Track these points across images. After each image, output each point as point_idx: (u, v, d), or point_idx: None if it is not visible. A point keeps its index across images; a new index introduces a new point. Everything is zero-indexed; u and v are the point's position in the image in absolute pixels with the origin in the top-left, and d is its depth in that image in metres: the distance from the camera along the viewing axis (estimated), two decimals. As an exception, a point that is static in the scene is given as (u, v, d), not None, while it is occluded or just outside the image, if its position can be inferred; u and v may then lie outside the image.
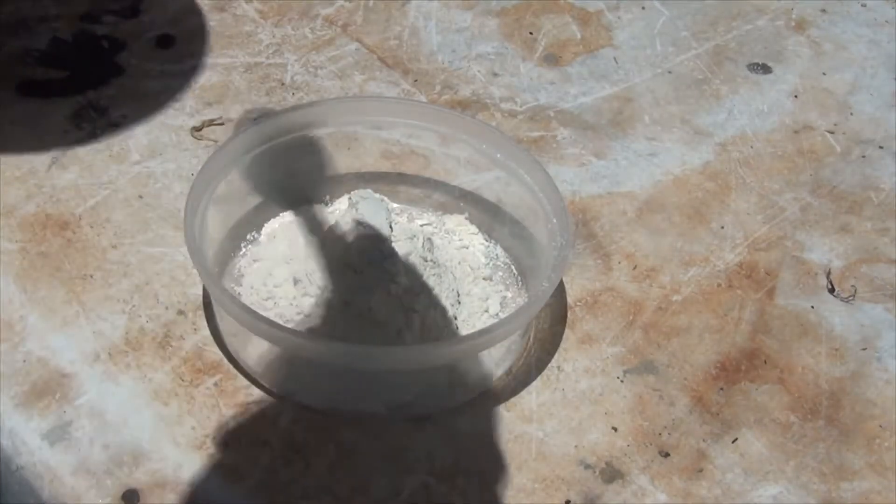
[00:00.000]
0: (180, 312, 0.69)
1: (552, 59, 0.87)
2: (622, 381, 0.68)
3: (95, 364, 0.66)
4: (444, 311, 0.67)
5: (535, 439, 0.65)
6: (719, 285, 0.73)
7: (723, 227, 0.76)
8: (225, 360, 0.67)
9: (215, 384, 0.66)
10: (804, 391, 0.68)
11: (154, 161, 0.77)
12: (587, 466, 0.64)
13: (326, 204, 0.74)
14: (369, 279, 0.66)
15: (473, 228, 0.73)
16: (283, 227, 0.72)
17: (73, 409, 0.64)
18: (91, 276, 0.70)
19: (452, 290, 0.68)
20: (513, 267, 0.72)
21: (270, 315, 0.66)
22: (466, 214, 0.74)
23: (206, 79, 0.82)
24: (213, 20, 0.87)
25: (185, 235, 0.65)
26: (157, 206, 0.74)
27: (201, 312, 0.69)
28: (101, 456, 0.62)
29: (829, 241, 0.76)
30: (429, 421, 0.65)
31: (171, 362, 0.66)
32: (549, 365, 0.68)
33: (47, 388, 0.65)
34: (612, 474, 0.64)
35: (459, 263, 0.70)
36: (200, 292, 0.69)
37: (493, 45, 0.88)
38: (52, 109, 0.79)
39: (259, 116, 0.79)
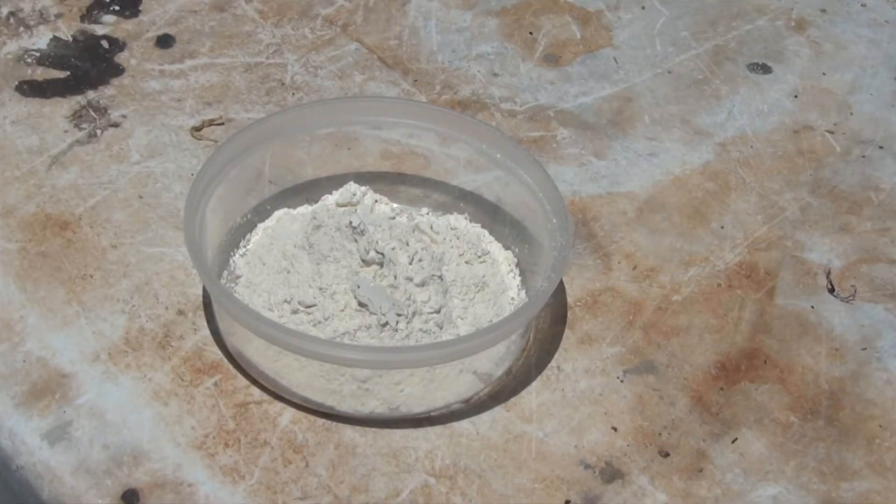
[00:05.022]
0: (180, 312, 0.69)
1: (552, 59, 0.87)
2: (622, 381, 0.68)
3: (95, 364, 0.66)
4: (444, 311, 0.67)
5: (535, 439, 0.65)
6: (719, 285, 0.73)
7: (723, 227, 0.76)
8: (225, 360, 0.67)
9: (215, 384, 0.66)
10: (804, 391, 0.68)
11: (154, 161, 0.77)
12: (587, 466, 0.64)
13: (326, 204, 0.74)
14: (369, 279, 0.66)
15: (474, 227, 0.73)
16: (283, 227, 0.72)
17: (73, 409, 0.64)
18: (91, 276, 0.70)
19: (453, 289, 0.68)
20: (513, 267, 0.72)
21: (270, 315, 0.66)
22: (466, 214, 0.74)
23: (206, 79, 0.82)
24: (213, 20, 0.87)
25: (185, 235, 0.65)
26: (157, 206, 0.74)
27: (201, 312, 0.69)
28: (101, 456, 0.62)
29: (829, 241, 0.76)
30: (429, 421, 0.65)
31: (171, 362, 0.66)
32: (549, 365, 0.68)
33: (47, 388, 0.65)
34: (612, 474, 0.64)
35: (459, 265, 0.70)
36: (200, 292, 0.69)
37: (493, 45, 0.88)
38: (52, 109, 0.79)
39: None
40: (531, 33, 0.89)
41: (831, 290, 0.73)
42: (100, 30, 0.85)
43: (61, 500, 0.61)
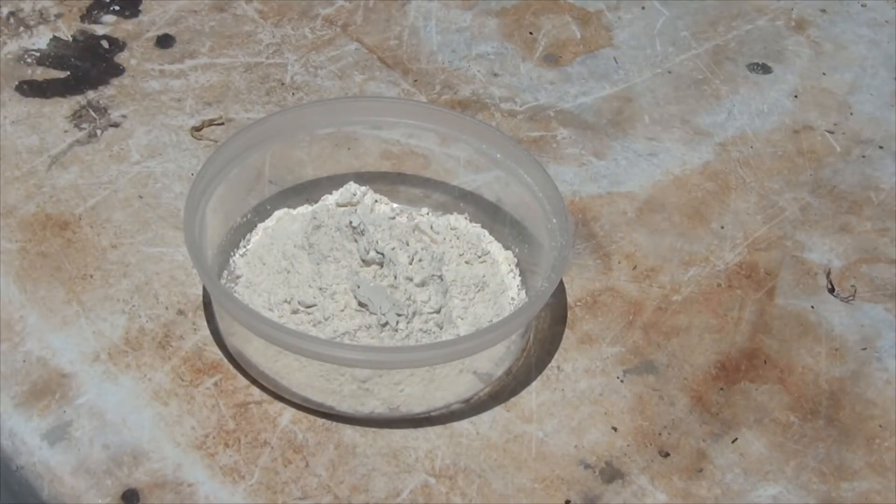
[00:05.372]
0: (180, 312, 0.69)
1: (552, 59, 0.87)
2: (622, 381, 0.68)
3: (95, 364, 0.66)
4: (444, 311, 0.67)
5: (535, 439, 0.65)
6: (719, 285, 0.73)
7: (723, 227, 0.76)
8: (225, 360, 0.67)
9: (215, 384, 0.66)
10: (804, 391, 0.68)
11: (154, 161, 0.77)
12: (587, 466, 0.64)
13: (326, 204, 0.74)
14: (369, 279, 0.66)
15: (474, 227, 0.73)
16: (283, 226, 0.72)
17: (73, 409, 0.64)
18: (91, 276, 0.70)
19: (453, 289, 0.68)
20: (513, 267, 0.72)
21: (270, 315, 0.66)
22: (466, 214, 0.74)
23: (206, 79, 0.82)
24: (213, 20, 0.87)
25: (185, 235, 0.65)
26: (157, 206, 0.74)
27: (201, 312, 0.69)
28: (101, 456, 0.62)
29: (829, 241, 0.76)
30: (429, 421, 0.65)
31: (171, 362, 0.66)
32: (549, 365, 0.68)
33: (47, 388, 0.65)
34: (611, 474, 0.64)
35: (459, 265, 0.70)
36: (200, 292, 0.69)
37: (493, 45, 0.88)
38: (52, 109, 0.79)
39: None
40: (531, 33, 0.89)
41: (831, 290, 0.73)
42: (100, 30, 0.85)
43: (61, 500, 0.61)
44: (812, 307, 0.72)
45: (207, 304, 0.69)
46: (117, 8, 0.87)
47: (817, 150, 0.82)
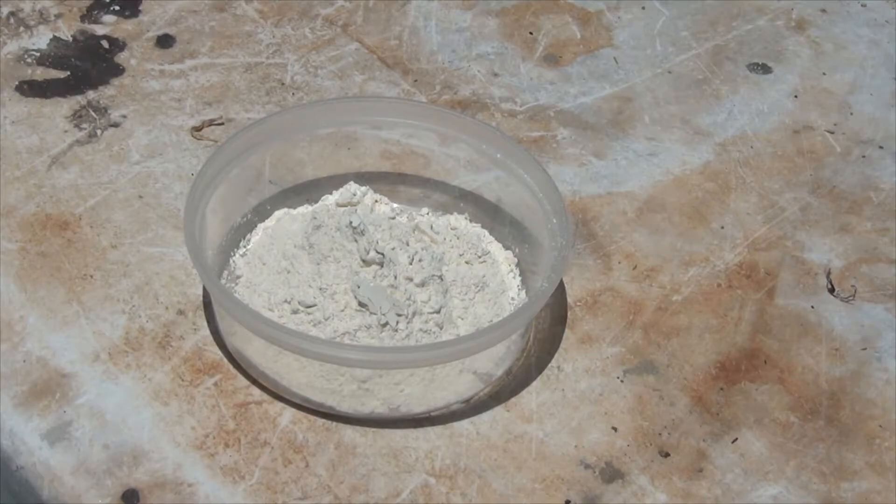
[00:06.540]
0: (180, 312, 0.69)
1: (552, 59, 0.87)
2: (622, 381, 0.68)
3: (95, 364, 0.66)
4: (444, 311, 0.67)
5: (535, 439, 0.65)
6: (719, 285, 0.73)
7: (723, 227, 0.76)
8: (225, 360, 0.67)
9: (215, 384, 0.66)
10: (804, 391, 0.68)
11: (154, 161, 0.77)
12: (587, 466, 0.64)
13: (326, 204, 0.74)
14: (369, 279, 0.66)
15: (474, 227, 0.73)
16: (283, 227, 0.72)
17: (73, 409, 0.64)
18: (91, 276, 0.70)
19: (453, 289, 0.68)
20: (513, 267, 0.72)
21: (270, 315, 0.66)
22: (466, 214, 0.74)
23: (206, 79, 0.82)
24: (213, 20, 0.87)
25: (185, 235, 0.65)
26: (157, 206, 0.74)
27: (201, 312, 0.69)
28: (101, 456, 0.62)
29: (829, 241, 0.76)
30: (429, 421, 0.65)
31: (171, 362, 0.66)
32: (549, 365, 0.68)
33: (47, 388, 0.65)
34: (612, 474, 0.64)
35: (459, 265, 0.70)
36: (200, 292, 0.69)
37: (493, 45, 0.88)
38: (52, 109, 0.79)
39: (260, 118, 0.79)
40: (531, 33, 0.89)
41: (831, 290, 0.73)
42: (100, 30, 0.85)
43: (61, 500, 0.61)
44: (812, 307, 0.72)
45: (207, 304, 0.69)
46: (117, 8, 0.87)
47: (817, 150, 0.82)
